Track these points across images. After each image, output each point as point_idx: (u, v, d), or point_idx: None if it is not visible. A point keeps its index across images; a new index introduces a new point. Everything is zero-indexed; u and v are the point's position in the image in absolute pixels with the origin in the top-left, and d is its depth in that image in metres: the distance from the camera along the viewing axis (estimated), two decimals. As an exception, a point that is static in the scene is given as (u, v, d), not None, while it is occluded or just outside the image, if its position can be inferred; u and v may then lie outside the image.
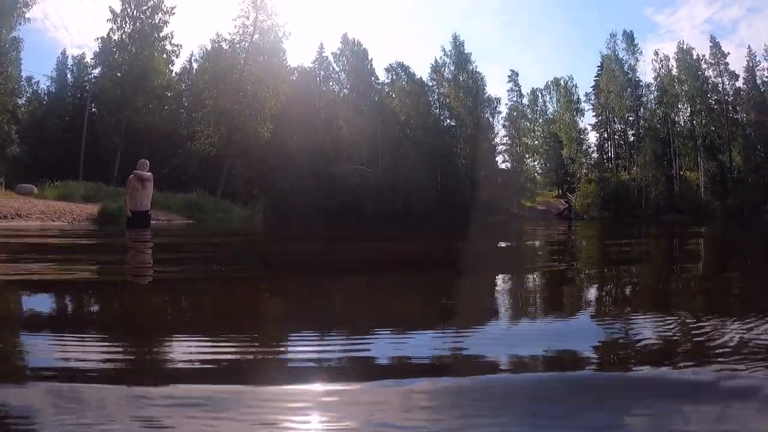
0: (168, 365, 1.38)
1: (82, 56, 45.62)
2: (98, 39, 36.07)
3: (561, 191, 49.65)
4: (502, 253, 6.51)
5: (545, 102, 53.91)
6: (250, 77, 31.18)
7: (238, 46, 32.64)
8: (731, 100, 41.99)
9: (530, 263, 4.96)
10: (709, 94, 42.04)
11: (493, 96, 48.37)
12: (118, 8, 34.83)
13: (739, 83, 41.95)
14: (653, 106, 43.88)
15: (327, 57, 47.66)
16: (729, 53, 42.19)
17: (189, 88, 42.45)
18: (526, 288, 3.06)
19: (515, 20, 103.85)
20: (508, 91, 49.86)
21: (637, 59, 44.17)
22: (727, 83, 42.03)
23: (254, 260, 5.13)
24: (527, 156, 50.56)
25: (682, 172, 42.47)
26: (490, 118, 47.97)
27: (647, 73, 51.58)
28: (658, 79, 43.72)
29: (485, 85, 46.97)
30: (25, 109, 40.66)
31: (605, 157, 47.58)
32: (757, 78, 41.34)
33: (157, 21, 35.48)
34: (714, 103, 42.18)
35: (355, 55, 46.58)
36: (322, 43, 48.41)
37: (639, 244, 7.92)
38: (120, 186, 20.84)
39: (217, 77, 31.49)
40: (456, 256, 5.81)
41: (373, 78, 47.05)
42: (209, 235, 10.29)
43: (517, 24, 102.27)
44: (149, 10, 35.14)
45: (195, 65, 44.98)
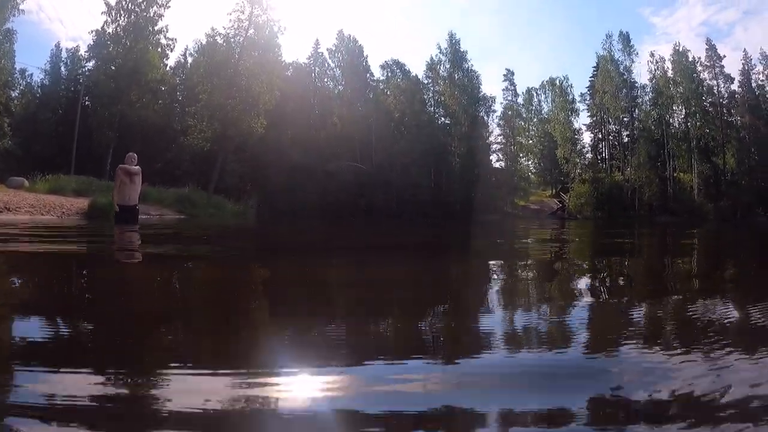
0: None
1: (76, 49, 45.09)
2: (93, 32, 35.65)
3: (555, 191, 49.73)
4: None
5: (540, 101, 53.91)
6: (245, 72, 30.81)
7: (233, 41, 32.30)
8: (726, 102, 42.14)
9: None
10: (704, 97, 42.27)
11: (488, 95, 48.43)
12: (113, 1, 34.43)
13: (734, 86, 42.19)
14: (648, 108, 43.95)
15: (322, 53, 47.57)
16: (725, 56, 42.62)
17: (183, 82, 42.21)
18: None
19: (514, 19, 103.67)
20: (503, 90, 49.78)
21: (632, 60, 44.36)
22: (722, 86, 42.23)
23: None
24: (521, 155, 50.43)
25: (675, 174, 42.59)
26: (485, 117, 47.93)
27: (643, 74, 52.03)
28: (654, 81, 43.85)
29: (480, 83, 46.79)
30: (18, 101, 40.11)
31: (599, 157, 47.66)
32: (752, 81, 41.57)
33: (152, 14, 35.09)
34: (709, 105, 42.35)
35: (350, 52, 46.46)
36: (317, 39, 47.99)
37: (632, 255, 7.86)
38: (112, 180, 20.65)
39: (211, 72, 31.18)
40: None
41: (368, 75, 46.87)
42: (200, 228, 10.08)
43: (516, 23, 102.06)
44: (144, 3, 34.72)
45: (189, 59, 44.57)
